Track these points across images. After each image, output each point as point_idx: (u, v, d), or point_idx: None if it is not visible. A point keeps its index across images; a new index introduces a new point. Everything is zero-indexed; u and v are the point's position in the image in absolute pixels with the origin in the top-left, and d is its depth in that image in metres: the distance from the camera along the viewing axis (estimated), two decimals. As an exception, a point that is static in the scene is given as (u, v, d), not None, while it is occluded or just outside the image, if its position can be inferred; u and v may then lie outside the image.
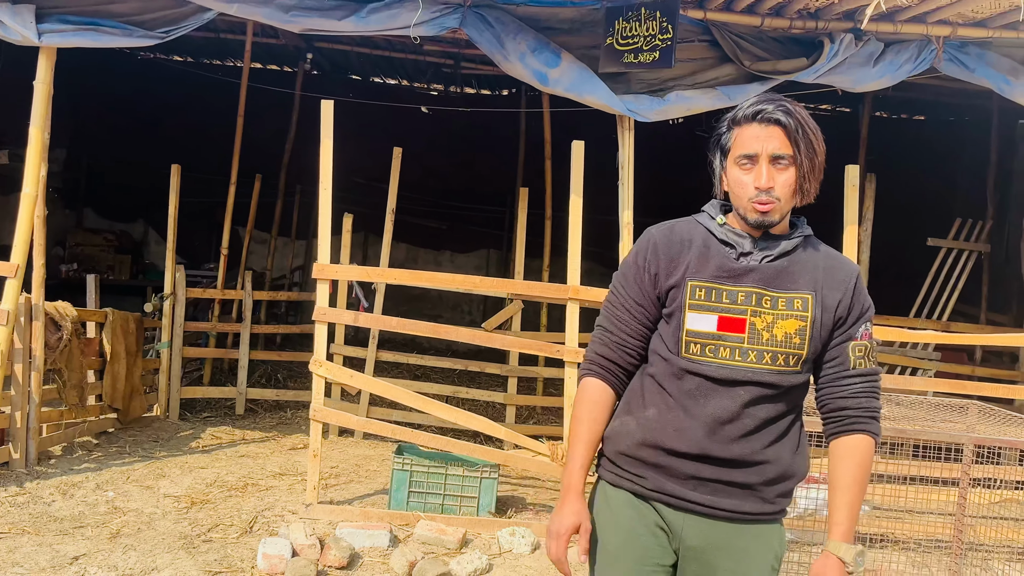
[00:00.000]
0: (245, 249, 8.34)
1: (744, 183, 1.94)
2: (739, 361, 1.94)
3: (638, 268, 2.05)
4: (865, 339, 2.01)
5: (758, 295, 1.96)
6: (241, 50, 8.07)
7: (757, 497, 1.97)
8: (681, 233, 2.05)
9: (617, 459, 2.07)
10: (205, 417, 6.90)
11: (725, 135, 2.01)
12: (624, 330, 2.07)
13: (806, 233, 2.04)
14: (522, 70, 4.80)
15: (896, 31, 4.72)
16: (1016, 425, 3.97)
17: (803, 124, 1.93)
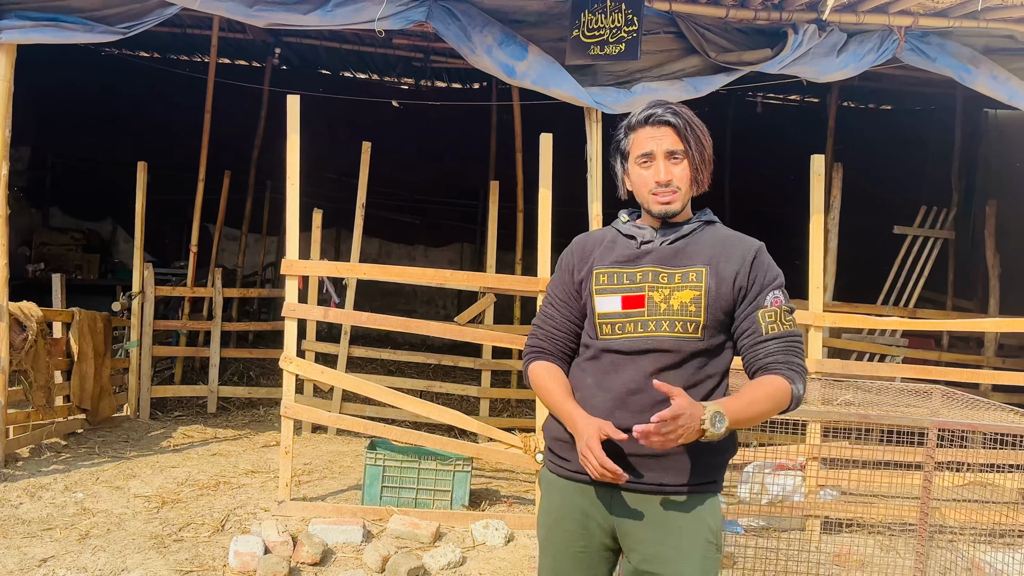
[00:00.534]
0: (215, 246, 8.28)
1: (645, 179, 2.19)
2: (641, 332, 2.13)
3: (562, 270, 2.32)
4: (775, 306, 2.14)
5: (655, 272, 2.17)
6: (208, 45, 7.98)
7: (677, 469, 2.08)
8: (595, 236, 2.33)
9: (552, 445, 2.27)
10: (176, 416, 6.85)
11: (623, 140, 2.25)
12: (552, 324, 2.30)
13: (706, 219, 2.26)
14: (489, 63, 4.79)
15: (859, 21, 4.76)
16: (978, 408, 4.04)
17: (690, 122, 2.17)
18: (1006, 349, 7.65)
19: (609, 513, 2.14)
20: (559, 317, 2.29)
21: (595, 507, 2.15)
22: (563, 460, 2.21)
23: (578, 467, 2.12)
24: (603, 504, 2.14)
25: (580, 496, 2.17)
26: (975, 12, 4.62)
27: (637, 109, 2.24)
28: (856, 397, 4.20)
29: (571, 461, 2.17)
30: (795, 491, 4.91)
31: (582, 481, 2.16)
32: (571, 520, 2.18)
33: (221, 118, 8.11)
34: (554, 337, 2.29)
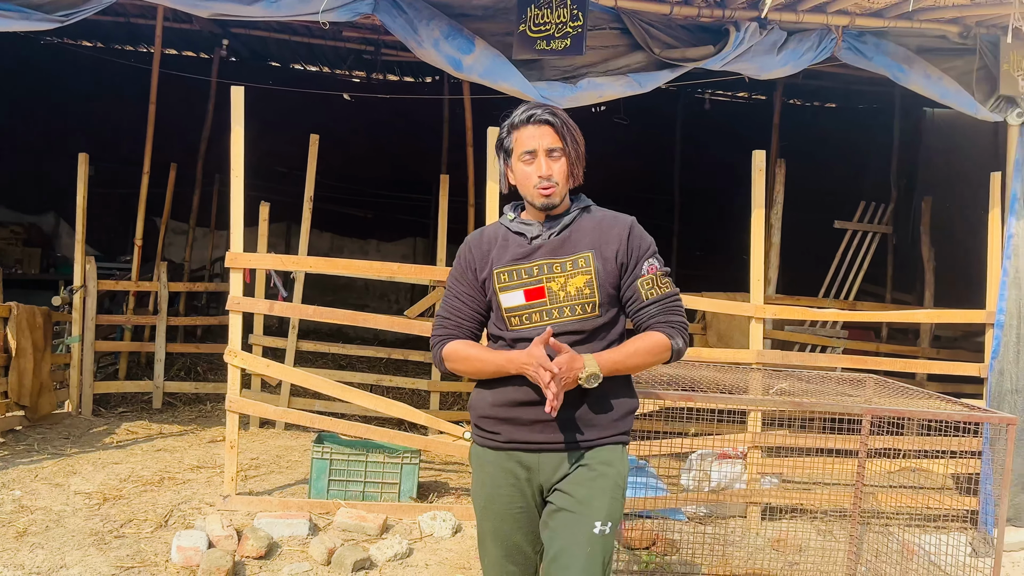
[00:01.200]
0: (161, 240, 8.15)
1: (528, 174, 2.43)
2: (547, 320, 2.41)
3: (462, 267, 2.54)
4: (651, 273, 2.45)
5: (549, 264, 2.44)
6: (153, 35, 7.84)
7: (592, 426, 2.41)
8: (488, 234, 2.55)
9: (480, 423, 2.51)
10: (121, 412, 6.74)
11: (507, 139, 2.48)
12: (458, 315, 2.53)
13: (583, 205, 2.53)
14: (436, 56, 4.79)
15: (798, 20, 4.87)
16: (909, 396, 4.18)
17: (566, 122, 2.44)
18: (942, 340, 7.90)
19: (538, 471, 2.42)
20: (466, 309, 2.52)
21: (526, 469, 2.43)
22: (492, 434, 2.46)
23: (508, 438, 2.43)
24: (532, 465, 2.43)
25: (512, 462, 2.44)
26: (909, 13, 4.75)
27: (516, 111, 2.46)
28: (794, 386, 4.31)
29: (500, 433, 2.44)
30: (737, 479, 5.02)
31: (513, 449, 2.43)
32: (507, 485, 2.44)
33: (168, 110, 7.97)
34: (462, 325, 2.52)
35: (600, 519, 2.36)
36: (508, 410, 2.42)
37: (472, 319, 2.53)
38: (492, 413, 2.45)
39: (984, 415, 3.80)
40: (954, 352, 7.39)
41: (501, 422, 2.44)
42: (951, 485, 5.24)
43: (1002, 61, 5.00)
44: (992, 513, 4.81)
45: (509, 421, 2.42)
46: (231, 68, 9.87)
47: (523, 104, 2.48)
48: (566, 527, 2.38)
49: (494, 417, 2.45)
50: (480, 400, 2.51)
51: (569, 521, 2.37)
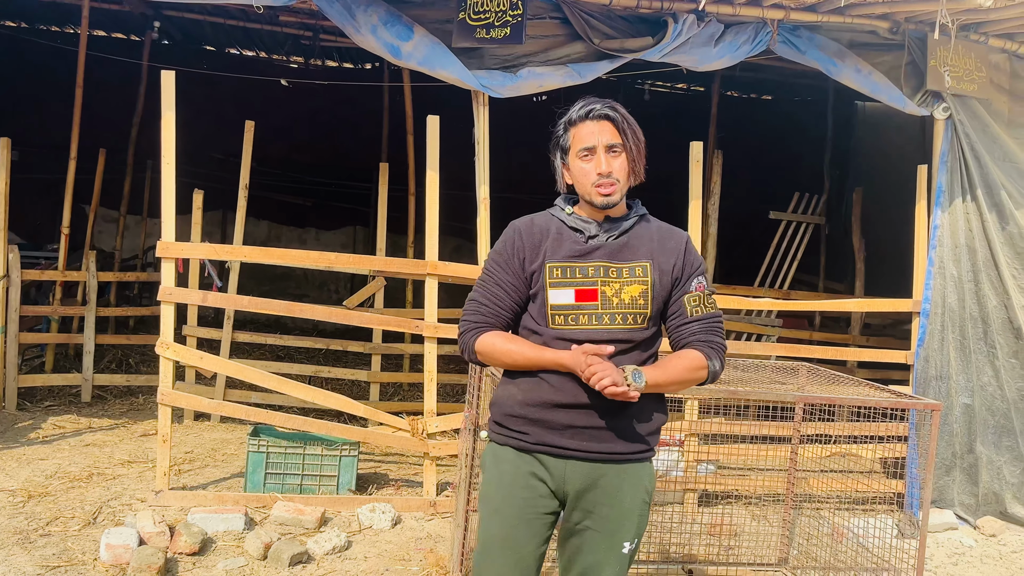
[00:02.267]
0: (90, 228, 7.88)
1: (587, 171, 2.33)
2: (596, 325, 2.30)
3: (508, 254, 2.38)
4: (699, 291, 2.38)
5: (605, 267, 2.33)
6: (80, 16, 7.56)
7: (625, 439, 2.29)
8: (540, 224, 2.40)
9: (504, 420, 2.37)
10: (47, 406, 6.52)
11: (563, 136, 2.39)
12: (497, 303, 2.37)
13: (641, 213, 2.43)
14: (374, 43, 4.72)
15: (735, 13, 4.93)
16: (840, 384, 4.28)
17: (626, 117, 2.33)
18: (872, 328, 8.13)
19: (564, 480, 2.30)
20: (507, 299, 2.37)
21: (549, 475, 2.31)
22: (519, 433, 2.33)
23: (537, 439, 2.30)
24: (557, 471, 2.31)
25: (536, 465, 2.32)
26: (840, 8, 4.85)
27: (575, 106, 2.35)
28: (729, 375, 4.39)
29: (529, 434, 2.31)
30: (674, 467, 5.10)
31: (541, 452, 2.31)
32: (526, 488, 2.32)
33: (97, 93, 7.69)
34: (499, 315, 2.38)
35: (629, 539, 2.32)
36: (541, 411, 2.30)
37: (511, 310, 2.39)
38: (522, 412, 2.32)
39: (910, 401, 3.91)
40: (883, 340, 7.62)
41: (531, 423, 2.31)
42: (879, 469, 5.41)
43: (929, 57, 5.14)
44: (917, 496, 4.97)
45: (540, 423, 2.30)
46: (163, 51, 9.59)
47: (582, 99, 2.37)
48: (595, 546, 2.32)
49: (524, 417, 2.32)
50: (508, 397, 2.37)
51: (598, 541, 2.32)
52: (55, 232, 7.29)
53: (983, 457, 5.22)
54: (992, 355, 5.25)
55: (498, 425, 2.39)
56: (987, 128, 5.35)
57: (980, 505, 5.22)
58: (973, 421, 5.24)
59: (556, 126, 2.42)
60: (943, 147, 5.32)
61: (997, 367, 5.23)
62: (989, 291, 5.25)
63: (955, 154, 5.29)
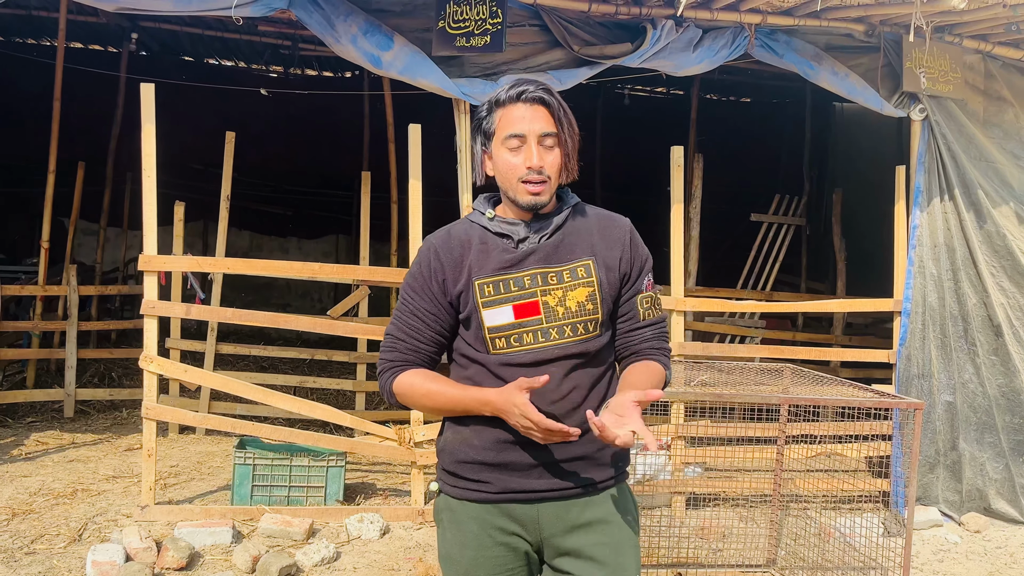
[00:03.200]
0: (70, 241, 7.82)
1: (513, 165, 1.96)
2: (544, 342, 1.96)
3: (424, 277, 2.02)
4: (649, 290, 2.08)
5: (543, 274, 1.98)
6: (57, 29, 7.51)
7: (596, 464, 1.99)
8: (459, 236, 2.04)
9: (458, 469, 2.01)
10: (30, 422, 6.45)
11: (487, 118, 2.00)
12: (416, 337, 2.03)
13: (573, 203, 2.08)
14: (355, 53, 4.72)
15: (713, 18, 4.96)
16: (823, 384, 4.32)
17: (563, 104, 1.98)
18: (854, 327, 8.20)
19: (538, 528, 1.99)
20: (426, 330, 2.02)
21: (520, 525, 1.99)
22: (478, 483, 1.99)
23: (502, 487, 1.96)
24: (529, 519, 1.98)
25: (502, 517, 1.99)
26: (817, 11, 4.90)
27: (503, 86, 2.00)
28: (714, 378, 4.42)
29: (490, 483, 1.97)
30: (661, 470, 5.11)
31: (507, 501, 1.97)
32: (496, 546, 1.99)
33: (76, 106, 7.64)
34: (419, 350, 2.03)
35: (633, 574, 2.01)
36: (499, 452, 1.96)
37: (432, 342, 2.03)
38: (478, 457, 1.97)
39: (893, 401, 3.95)
40: (865, 339, 7.68)
41: (490, 468, 1.96)
42: (864, 468, 5.45)
43: (905, 59, 5.20)
44: (903, 494, 5.01)
45: (501, 467, 1.96)
46: (141, 63, 9.53)
47: (512, 78, 2.01)
48: None
49: (481, 462, 1.97)
50: (458, 442, 2.01)
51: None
52: (34, 246, 7.24)
53: (966, 454, 5.27)
54: (973, 353, 5.30)
55: (451, 476, 2.03)
56: (963, 128, 5.41)
57: (964, 501, 5.27)
58: (955, 418, 5.29)
59: (479, 107, 2.04)
60: (920, 148, 5.38)
61: (978, 364, 5.29)
62: (968, 289, 5.31)
63: (932, 154, 5.35)
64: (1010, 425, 5.30)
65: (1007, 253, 5.32)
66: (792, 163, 10.12)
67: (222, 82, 9.61)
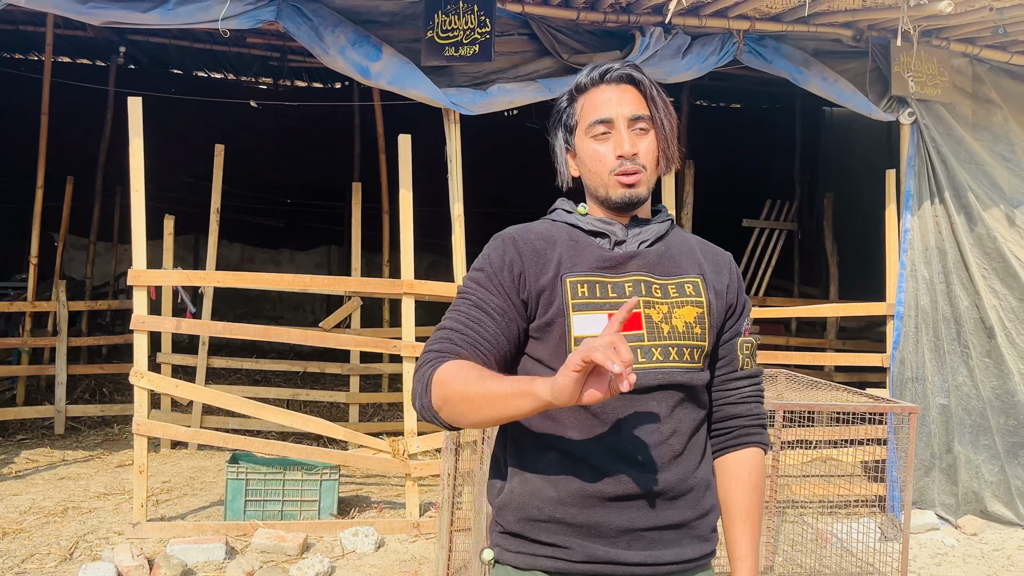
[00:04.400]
0: (59, 257, 7.78)
1: (602, 154, 1.62)
2: (645, 363, 1.57)
3: (495, 267, 1.62)
4: (748, 335, 1.75)
5: (647, 283, 1.62)
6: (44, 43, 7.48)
7: (694, 536, 1.61)
8: (540, 231, 1.68)
9: (526, 530, 1.58)
10: (20, 440, 6.40)
11: (568, 109, 1.69)
12: (478, 330, 1.58)
13: (670, 216, 1.76)
14: (343, 64, 4.71)
15: (701, 25, 4.97)
16: (818, 389, 4.31)
17: (654, 82, 1.66)
18: (847, 331, 8.21)
19: None
20: (491, 324, 1.58)
21: None
22: (555, 548, 1.56)
23: (584, 555, 1.54)
24: None
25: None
26: (805, 17, 4.92)
27: (587, 68, 1.68)
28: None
29: (571, 548, 1.54)
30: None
31: (587, 573, 1.56)
32: None
33: (64, 120, 7.60)
34: (479, 346, 1.57)
35: None
36: (585, 510, 1.54)
37: (496, 343, 1.58)
38: (556, 515, 1.55)
39: (888, 405, 3.95)
40: (858, 343, 7.69)
41: (572, 530, 1.55)
42: (860, 472, 5.44)
43: (893, 63, 5.22)
44: (899, 498, 5.00)
45: (586, 529, 1.54)
46: (129, 76, 9.50)
47: (593, 63, 1.67)
48: None
49: (560, 521, 1.55)
50: (527, 494, 1.58)
51: None
52: (23, 262, 7.19)
53: (961, 457, 5.26)
54: (966, 355, 5.31)
55: (516, 539, 1.59)
56: (952, 131, 5.43)
57: (960, 504, 5.27)
58: (950, 421, 5.29)
59: (559, 99, 1.72)
60: (910, 151, 5.39)
61: (971, 367, 5.29)
62: (960, 292, 5.32)
63: (922, 158, 5.37)
64: (1005, 427, 5.30)
65: (998, 255, 5.33)
66: (783, 168, 10.14)
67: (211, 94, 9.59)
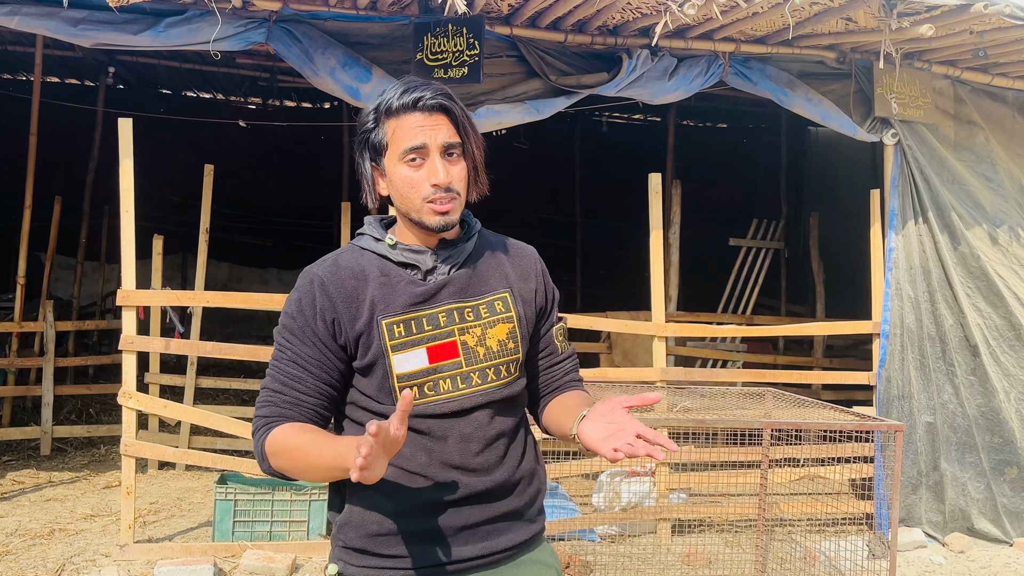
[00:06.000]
0: (46, 276, 7.75)
1: (416, 181, 1.67)
2: (464, 388, 1.71)
3: (306, 316, 1.68)
4: (560, 321, 1.92)
5: (459, 310, 1.73)
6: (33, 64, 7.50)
7: (524, 521, 1.78)
8: (350, 266, 1.73)
9: (369, 545, 1.68)
10: (5, 461, 6.35)
11: (375, 130, 1.71)
12: (296, 387, 1.68)
13: (478, 228, 1.83)
14: (333, 85, 4.75)
15: (687, 47, 5.04)
16: (805, 407, 4.34)
17: (464, 110, 1.72)
18: (834, 349, 8.26)
19: None
20: (311, 380, 1.68)
21: None
22: (396, 559, 1.67)
23: (427, 560, 1.66)
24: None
25: None
26: (789, 40, 4.99)
27: (390, 90, 1.70)
28: (696, 403, 4.43)
29: (412, 556, 1.66)
30: (646, 496, 5.10)
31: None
32: None
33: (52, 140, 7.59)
34: (302, 403, 1.68)
35: None
36: (422, 518, 1.67)
37: (317, 392, 1.69)
38: (395, 527, 1.67)
39: (875, 423, 3.98)
40: (845, 361, 7.74)
41: (414, 538, 1.67)
42: (848, 490, 5.46)
43: (876, 85, 5.30)
44: (886, 516, 5.03)
45: (424, 535, 1.67)
46: (118, 96, 9.52)
47: (398, 82, 1.70)
48: None
49: (403, 532, 1.67)
50: (366, 512, 1.69)
51: None
52: (10, 282, 7.16)
53: (948, 474, 5.30)
54: (951, 373, 5.36)
55: (359, 553, 1.69)
56: (935, 152, 5.51)
57: (948, 522, 5.29)
58: (936, 439, 5.33)
59: (364, 116, 1.74)
60: (893, 172, 5.46)
61: (957, 385, 5.34)
62: (945, 311, 5.37)
63: (905, 178, 5.44)
64: (990, 444, 5.34)
65: (982, 274, 5.39)
66: (769, 187, 10.24)
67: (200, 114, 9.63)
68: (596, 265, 11.79)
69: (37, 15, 4.32)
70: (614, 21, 4.88)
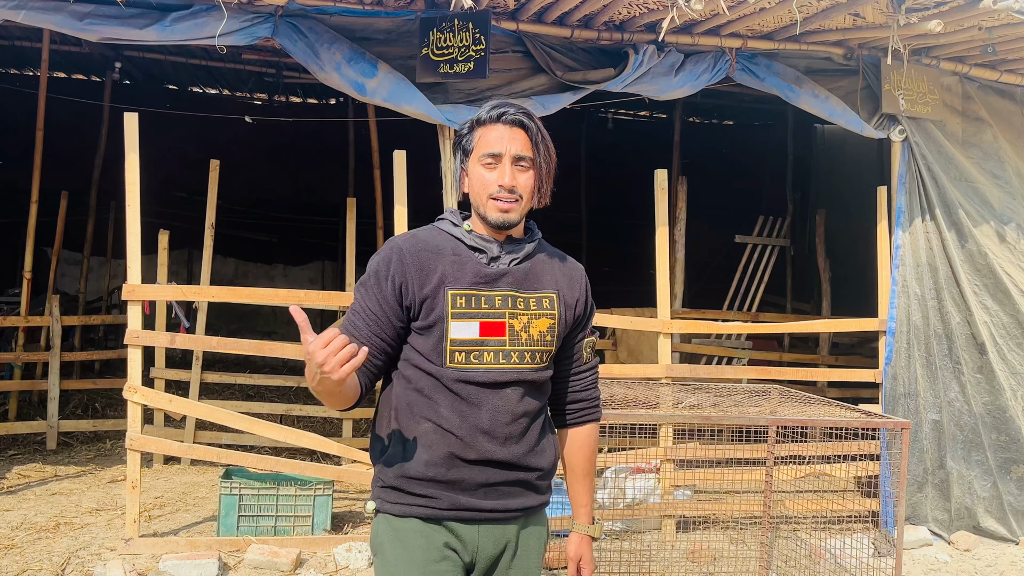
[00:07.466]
0: (53, 271, 7.77)
1: (487, 180, 2.00)
2: (503, 363, 2.00)
3: (380, 277, 2.00)
4: (591, 335, 2.21)
5: (513, 297, 2.03)
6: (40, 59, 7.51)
7: (534, 490, 2.08)
8: (427, 241, 2.06)
9: (404, 485, 1.99)
10: (11, 455, 6.37)
11: (468, 136, 2.06)
12: (355, 334, 1.97)
13: (538, 236, 2.15)
14: (339, 80, 4.74)
15: (694, 43, 5.02)
16: (811, 405, 4.33)
17: (542, 130, 2.04)
18: (840, 347, 8.23)
19: (476, 549, 2.02)
20: (366, 331, 1.98)
21: (463, 546, 2.01)
22: (426, 499, 1.98)
23: (450, 504, 1.97)
24: (468, 540, 2.01)
25: (448, 535, 2.00)
26: (796, 35, 4.97)
27: (486, 105, 2.06)
28: (701, 400, 4.41)
29: (439, 499, 1.97)
30: (651, 493, 5.10)
31: (453, 519, 1.99)
32: (443, 560, 1.98)
33: (59, 136, 7.61)
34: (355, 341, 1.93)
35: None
36: (451, 469, 1.97)
37: (371, 344, 1.97)
38: (428, 473, 1.97)
39: (880, 421, 3.96)
40: (850, 358, 7.71)
41: (440, 485, 1.97)
42: (853, 488, 5.45)
43: (883, 81, 5.27)
44: (892, 513, 5.01)
45: (452, 484, 1.97)
46: (125, 91, 9.54)
47: (495, 100, 2.08)
48: None
49: (431, 479, 1.97)
50: (403, 457, 1.99)
51: None
52: (17, 276, 7.17)
53: (954, 472, 5.28)
54: (958, 371, 5.33)
55: (395, 491, 2.00)
56: (942, 149, 5.48)
57: (953, 520, 5.28)
58: (942, 437, 5.31)
59: (462, 124, 2.11)
60: (901, 169, 5.44)
61: (963, 382, 5.32)
62: (952, 308, 5.35)
63: (913, 175, 5.41)
64: (996, 443, 5.32)
65: (989, 272, 5.37)
66: (775, 184, 10.21)
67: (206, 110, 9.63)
68: (601, 262, 11.75)
69: (44, 9, 4.32)
70: (620, 16, 4.86)
